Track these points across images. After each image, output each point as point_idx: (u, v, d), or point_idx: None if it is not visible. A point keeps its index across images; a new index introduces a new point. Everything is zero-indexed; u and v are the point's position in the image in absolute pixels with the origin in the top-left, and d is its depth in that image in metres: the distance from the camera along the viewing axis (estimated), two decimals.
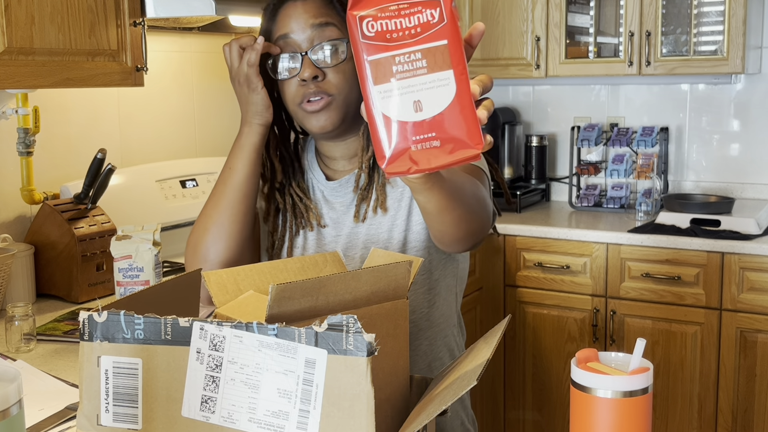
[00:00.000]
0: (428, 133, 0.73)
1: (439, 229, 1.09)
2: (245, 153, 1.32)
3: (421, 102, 0.72)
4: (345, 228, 1.36)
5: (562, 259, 2.87)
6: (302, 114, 1.29)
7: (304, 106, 1.28)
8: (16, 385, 0.79)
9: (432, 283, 1.34)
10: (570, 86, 3.44)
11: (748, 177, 3.18)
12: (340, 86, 1.28)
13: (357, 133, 1.36)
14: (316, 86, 1.27)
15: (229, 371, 0.76)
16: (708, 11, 2.90)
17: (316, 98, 1.27)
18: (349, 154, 1.38)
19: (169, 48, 2.68)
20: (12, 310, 1.67)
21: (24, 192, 2.19)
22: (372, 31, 0.74)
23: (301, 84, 1.27)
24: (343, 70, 1.29)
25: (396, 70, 0.73)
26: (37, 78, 1.79)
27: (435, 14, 0.72)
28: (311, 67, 1.26)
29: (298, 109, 1.30)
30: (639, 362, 0.86)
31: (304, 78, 1.26)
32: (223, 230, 1.29)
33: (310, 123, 1.29)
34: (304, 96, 1.27)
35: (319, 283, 0.83)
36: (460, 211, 1.04)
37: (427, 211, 1.03)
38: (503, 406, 3.04)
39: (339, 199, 1.38)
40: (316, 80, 1.27)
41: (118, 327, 0.78)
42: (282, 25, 1.29)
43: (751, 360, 2.62)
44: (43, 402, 1.37)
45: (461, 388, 0.79)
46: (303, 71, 1.27)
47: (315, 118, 1.28)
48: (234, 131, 1.40)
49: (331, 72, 1.28)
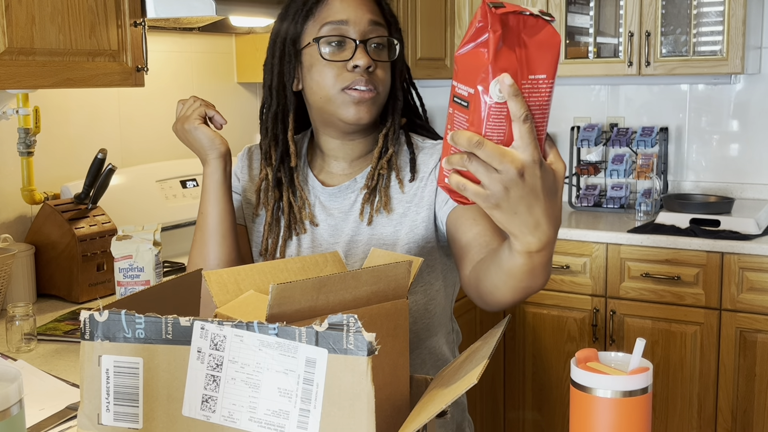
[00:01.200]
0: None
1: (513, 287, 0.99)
2: (212, 194, 1.32)
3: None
4: (343, 235, 1.34)
5: (562, 259, 2.87)
6: (343, 99, 1.27)
7: (350, 92, 1.26)
8: (16, 385, 0.79)
9: (427, 288, 1.34)
10: (570, 86, 3.44)
11: (747, 177, 3.18)
12: (385, 83, 1.29)
13: (366, 136, 1.36)
14: (367, 75, 1.26)
15: (230, 370, 0.76)
16: (708, 11, 2.90)
17: (365, 88, 1.26)
18: (353, 156, 1.37)
19: (170, 48, 2.68)
20: (12, 310, 1.67)
21: (24, 192, 2.19)
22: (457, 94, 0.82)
23: (351, 70, 1.26)
24: (388, 67, 1.30)
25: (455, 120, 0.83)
26: (38, 78, 1.79)
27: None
28: (366, 57, 1.26)
29: (339, 95, 1.27)
30: (639, 362, 0.86)
31: (358, 64, 1.25)
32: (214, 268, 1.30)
33: (347, 111, 1.27)
34: (353, 82, 1.26)
35: (320, 283, 0.83)
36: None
37: (524, 268, 0.93)
38: (503, 406, 3.04)
39: (336, 205, 1.36)
40: (368, 70, 1.26)
41: (119, 326, 0.78)
42: (337, 10, 1.28)
43: (750, 360, 2.62)
44: (43, 402, 1.37)
45: (461, 388, 0.79)
46: (358, 58, 1.26)
47: (356, 107, 1.27)
48: (234, 131, 1.40)
49: (380, 67, 1.28)
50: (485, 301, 1.10)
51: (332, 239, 1.35)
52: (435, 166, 1.33)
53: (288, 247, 1.37)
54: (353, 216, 1.35)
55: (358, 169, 1.38)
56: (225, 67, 2.91)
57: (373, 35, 1.28)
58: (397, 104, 1.35)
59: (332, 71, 1.27)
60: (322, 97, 1.29)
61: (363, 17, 1.28)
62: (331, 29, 1.28)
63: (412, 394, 0.95)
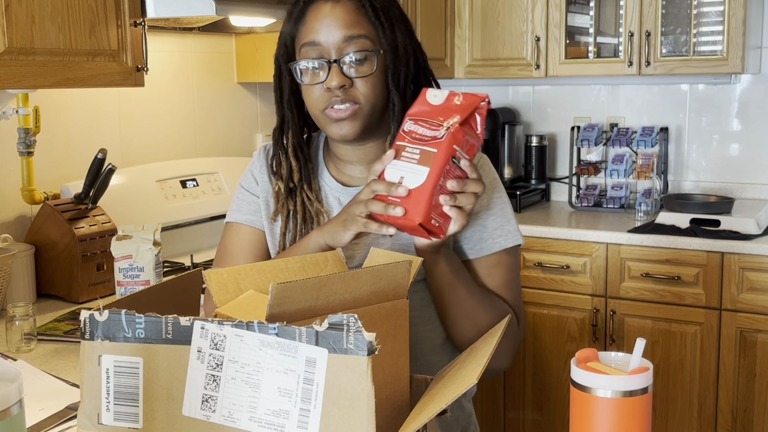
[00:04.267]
0: (396, 198, 1.08)
1: (446, 318, 1.27)
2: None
3: (404, 178, 1.09)
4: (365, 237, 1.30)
5: (562, 259, 2.87)
6: (325, 120, 1.28)
7: (329, 112, 1.26)
8: (16, 384, 0.79)
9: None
10: (570, 86, 3.44)
11: (747, 177, 3.18)
12: (368, 96, 1.26)
13: (377, 139, 1.34)
14: (343, 94, 1.25)
15: (230, 370, 0.76)
16: (708, 11, 2.90)
17: (342, 106, 1.25)
18: (367, 160, 1.35)
19: (170, 48, 2.68)
20: (12, 310, 1.67)
21: (24, 192, 2.19)
22: (407, 129, 1.12)
23: (327, 91, 1.25)
24: (371, 81, 1.27)
25: (402, 154, 1.10)
26: (38, 78, 1.79)
27: (442, 133, 1.09)
28: (339, 76, 1.24)
29: (321, 115, 1.28)
30: (639, 362, 0.86)
31: (330, 86, 1.24)
32: None
33: (331, 130, 1.28)
34: (330, 103, 1.25)
35: (320, 283, 0.83)
36: (467, 306, 1.23)
37: (433, 292, 1.25)
38: (503, 406, 3.04)
39: None
40: (344, 89, 1.25)
41: (119, 326, 0.78)
42: (310, 30, 1.27)
43: (750, 360, 2.62)
44: (43, 402, 1.37)
45: (461, 387, 0.79)
46: (330, 79, 1.24)
47: (338, 125, 1.26)
48: (234, 131, 1.40)
49: (359, 82, 1.26)
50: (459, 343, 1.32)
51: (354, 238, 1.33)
52: None
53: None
54: None
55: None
56: (225, 67, 2.91)
57: (350, 50, 1.25)
58: (395, 110, 1.31)
59: (312, 93, 1.28)
60: (312, 116, 1.31)
61: (336, 35, 1.25)
62: (306, 50, 1.27)
63: (412, 394, 0.95)
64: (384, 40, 1.28)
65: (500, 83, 3.55)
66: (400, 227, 1.10)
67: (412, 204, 1.07)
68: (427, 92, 1.15)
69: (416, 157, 1.08)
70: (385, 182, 1.11)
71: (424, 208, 1.06)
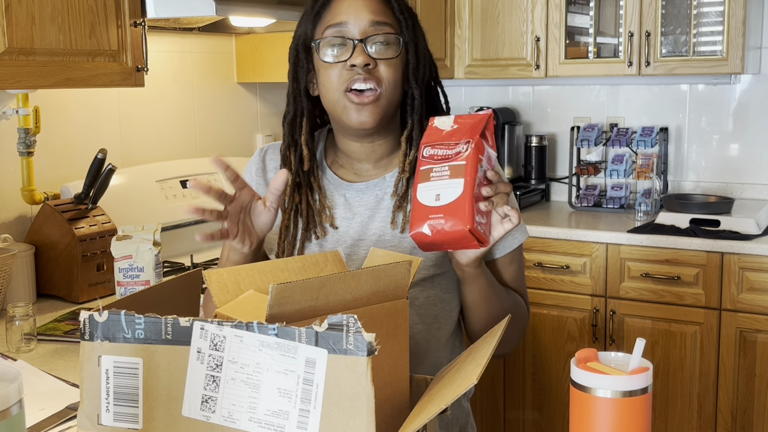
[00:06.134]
0: (439, 213, 1.10)
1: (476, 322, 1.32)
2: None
3: (440, 195, 1.11)
4: (369, 233, 1.32)
5: (562, 259, 2.87)
6: (345, 104, 1.27)
7: (351, 95, 1.26)
8: (16, 385, 0.79)
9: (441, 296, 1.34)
10: (570, 86, 3.44)
11: (747, 177, 3.18)
12: (389, 80, 1.27)
13: (386, 137, 1.34)
14: (366, 73, 1.25)
15: (230, 371, 0.76)
16: (707, 11, 2.90)
17: (364, 86, 1.25)
18: (375, 158, 1.35)
19: (170, 48, 2.68)
20: (12, 310, 1.67)
21: (24, 192, 2.19)
22: (427, 154, 1.15)
23: (349, 68, 1.25)
24: (394, 65, 1.28)
25: (431, 175, 1.13)
26: (38, 78, 1.79)
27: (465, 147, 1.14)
28: (363, 54, 1.25)
29: (341, 98, 1.27)
30: (638, 362, 0.86)
31: (354, 63, 1.25)
32: None
33: (350, 115, 1.27)
34: (352, 81, 1.25)
35: (320, 283, 0.83)
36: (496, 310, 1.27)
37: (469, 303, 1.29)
38: (503, 406, 3.04)
39: (363, 202, 1.34)
40: (367, 68, 1.25)
41: (118, 327, 0.78)
42: (337, 13, 1.28)
43: (750, 360, 2.62)
44: (43, 402, 1.37)
45: (461, 387, 0.79)
46: (355, 57, 1.25)
47: (358, 111, 1.26)
48: (234, 131, 1.40)
49: (382, 64, 1.27)
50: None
51: (357, 236, 1.32)
52: None
53: (308, 249, 1.34)
54: (380, 215, 1.33)
55: (383, 170, 1.36)
56: (225, 67, 2.91)
57: (374, 34, 1.27)
58: (415, 104, 1.33)
59: (334, 72, 1.27)
60: (330, 101, 1.29)
61: (364, 18, 1.27)
62: (332, 32, 1.27)
63: (412, 394, 0.95)
64: (407, 34, 1.31)
65: (500, 83, 3.55)
66: (448, 242, 1.11)
67: (457, 214, 1.09)
68: (434, 121, 1.19)
69: (446, 173, 1.12)
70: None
71: (468, 213, 1.09)
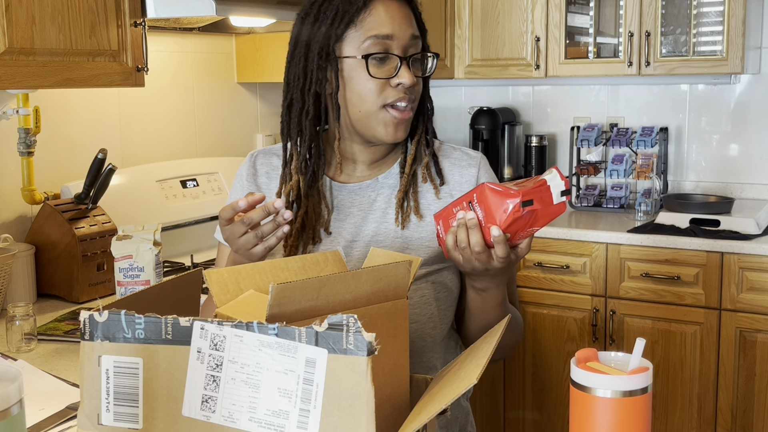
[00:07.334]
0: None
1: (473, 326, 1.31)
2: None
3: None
4: (363, 234, 1.32)
5: (562, 259, 2.87)
6: (383, 118, 1.27)
7: (393, 111, 1.26)
8: (16, 384, 0.79)
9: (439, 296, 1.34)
10: (570, 86, 3.44)
11: (747, 177, 3.18)
12: (419, 94, 1.30)
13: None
14: (409, 93, 1.27)
15: (230, 371, 0.76)
16: (707, 11, 2.90)
17: (404, 105, 1.27)
18: (373, 159, 1.36)
19: (170, 48, 2.68)
20: (13, 310, 1.67)
21: (25, 192, 2.19)
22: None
23: (395, 86, 1.26)
24: (426, 83, 1.32)
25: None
26: (38, 78, 1.79)
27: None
28: (410, 74, 1.26)
29: (379, 111, 1.27)
30: (638, 362, 0.86)
31: (402, 82, 1.25)
32: None
33: (386, 130, 1.28)
34: (397, 100, 1.26)
35: (320, 283, 0.83)
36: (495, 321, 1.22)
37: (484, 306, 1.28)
38: (503, 406, 3.04)
39: (356, 203, 1.35)
40: (410, 87, 1.27)
41: (118, 326, 0.78)
42: (382, 23, 1.26)
43: (750, 360, 2.62)
44: (43, 402, 1.37)
45: (461, 387, 0.79)
46: (403, 76, 1.25)
47: (396, 126, 1.27)
48: (234, 131, 1.39)
49: (419, 83, 1.29)
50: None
51: (351, 236, 1.32)
52: (473, 177, 1.35)
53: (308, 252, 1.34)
54: (373, 216, 1.33)
55: (377, 171, 1.36)
56: (225, 67, 2.91)
57: (413, 50, 1.28)
58: (428, 113, 1.35)
59: (375, 86, 1.26)
60: (362, 111, 1.28)
61: (406, 32, 1.27)
62: (376, 44, 1.25)
63: (412, 394, 0.95)
64: (428, 47, 1.33)
65: (500, 83, 3.55)
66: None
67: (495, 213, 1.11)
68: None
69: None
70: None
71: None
